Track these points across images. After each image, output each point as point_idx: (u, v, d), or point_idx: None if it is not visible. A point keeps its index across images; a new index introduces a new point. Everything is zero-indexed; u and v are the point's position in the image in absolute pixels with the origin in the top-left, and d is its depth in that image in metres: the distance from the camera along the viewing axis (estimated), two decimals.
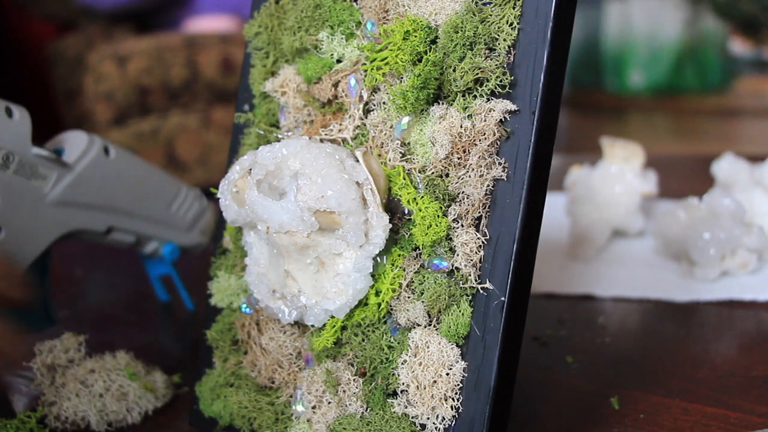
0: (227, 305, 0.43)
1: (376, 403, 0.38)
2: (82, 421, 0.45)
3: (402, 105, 0.36)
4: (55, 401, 0.45)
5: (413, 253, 0.37)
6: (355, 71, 0.39)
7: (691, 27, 2.42)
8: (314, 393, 0.40)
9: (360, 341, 0.38)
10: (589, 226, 0.71)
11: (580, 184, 0.74)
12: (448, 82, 0.36)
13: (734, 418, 0.43)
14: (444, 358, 0.36)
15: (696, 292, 0.61)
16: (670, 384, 0.47)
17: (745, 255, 0.63)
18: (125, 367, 0.47)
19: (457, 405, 0.35)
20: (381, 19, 0.38)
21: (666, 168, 0.86)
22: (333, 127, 0.40)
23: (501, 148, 0.35)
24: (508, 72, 0.35)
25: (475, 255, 0.35)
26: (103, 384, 0.45)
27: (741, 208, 0.63)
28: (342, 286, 0.37)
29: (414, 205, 0.37)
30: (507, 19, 0.35)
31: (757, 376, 0.47)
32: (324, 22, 0.40)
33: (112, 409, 0.45)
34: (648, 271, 0.66)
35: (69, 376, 0.46)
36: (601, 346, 0.53)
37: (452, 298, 0.36)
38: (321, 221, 0.37)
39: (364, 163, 0.37)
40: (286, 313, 0.39)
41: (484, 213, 0.35)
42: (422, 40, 0.36)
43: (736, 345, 0.53)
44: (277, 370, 0.41)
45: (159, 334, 0.62)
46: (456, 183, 0.36)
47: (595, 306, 0.60)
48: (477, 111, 0.35)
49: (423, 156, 0.37)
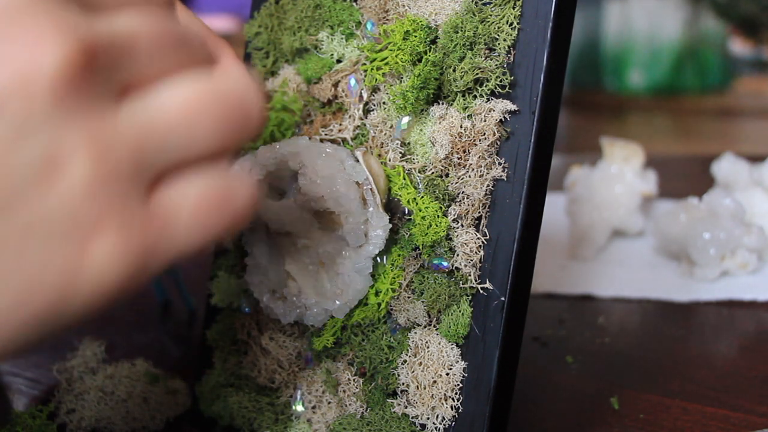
0: (227, 305, 0.43)
1: (376, 403, 0.38)
2: (105, 429, 0.44)
3: (402, 105, 0.36)
4: (74, 409, 0.44)
5: (413, 253, 0.37)
6: (355, 71, 0.39)
7: (691, 27, 2.42)
8: (314, 393, 0.40)
9: (360, 341, 0.38)
10: (589, 226, 0.71)
11: (580, 184, 0.74)
12: (448, 82, 0.36)
13: (734, 418, 0.43)
14: (444, 358, 0.36)
15: (696, 292, 0.61)
16: (670, 384, 0.47)
17: (745, 255, 0.63)
18: (144, 373, 0.46)
19: (457, 405, 0.35)
20: (381, 19, 0.38)
21: (666, 168, 0.86)
22: (333, 127, 0.40)
23: (501, 148, 0.35)
24: (508, 72, 0.35)
25: (475, 255, 0.35)
26: (125, 390, 0.45)
27: (741, 208, 0.63)
28: (342, 287, 0.37)
29: (414, 205, 0.37)
30: (507, 19, 0.35)
31: (757, 376, 0.47)
32: (324, 22, 0.40)
33: (135, 416, 0.44)
34: (648, 271, 0.66)
35: (89, 383, 0.45)
36: (601, 346, 0.53)
37: (452, 298, 0.36)
38: (321, 221, 0.37)
39: (364, 163, 0.37)
40: (286, 313, 0.39)
41: (484, 213, 0.35)
42: (422, 40, 0.36)
43: (736, 345, 0.53)
44: (277, 371, 0.41)
45: (159, 334, 0.62)
46: (456, 183, 0.36)
47: (595, 306, 0.60)
48: (477, 111, 0.35)
49: (423, 156, 0.37)
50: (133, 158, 0.22)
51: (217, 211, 0.24)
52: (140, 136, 0.22)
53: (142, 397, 0.45)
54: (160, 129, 0.23)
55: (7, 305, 0.21)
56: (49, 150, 0.20)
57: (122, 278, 0.22)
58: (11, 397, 0.50)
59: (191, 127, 0.23)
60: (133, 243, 0.22)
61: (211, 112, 0.24)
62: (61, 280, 0.21)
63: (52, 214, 0.21)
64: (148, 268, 0.23)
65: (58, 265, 0.21)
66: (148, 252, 0.23)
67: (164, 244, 0.23)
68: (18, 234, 0.21)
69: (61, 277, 0.21)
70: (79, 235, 0.21)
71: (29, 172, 0.20)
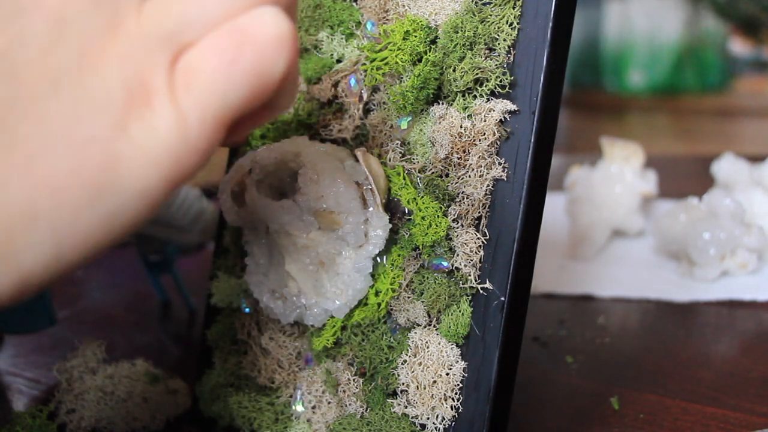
0: (227, 305, 0.43)
1: (376, 403, 0.38)
2: (105, 429, 0.44)
3: (402, 105, 0.36)
4: (74, 409, 0.44)
5: (413, 253, 0.37)
6: (355, 71, 0.39)
7: (691, 27, 2.42)
8: (314, 393, 0.40)
9: (360, 341, 0.38)
10: (589, 226, 0.71)
11: (580, 184, 0.74)
12: (448, 82, 0.36)
13: (734, 418, 0.43)
14: (444, 358, 0.36)
15: (696, 292, 0.61)
16: (670, 384, 0.47)
17: (745, 255, 0.63)
18: (144, 373, 0.46)
19: (457, 405, 0.35)
20: (381, 19, 0.38)
21: (666, 168, 0.86)
22: (333, 128, 0.40)
23: (501, 148, 0.35)
24: (508, 72, 0.35)
25: (475, 255, 0.35)
26: (125, 390, 0.45)
27: (741, 208, 0.63)
28: (342, 286, 0.37)
29: (414, 205, 0.37)
30: (507, 19, 0.35)
31: (757, 376, 0.47)
32: (324, 22, 0.40)
33: (135, 416, 0.44)
34: (648, 271, 0.66)
35: (89, 383, 0.45)
36: (601, 346, 0.53)
37: (452, 298, 0.36)
38: (321, 221, 0.37)
39: (363, 163, 0.37)
40: (286, 313, 0.39)
41: (483, 213, 0.35)
42: (422, 40, 0.36)
43: (736, 345, 0.53)
44: (276, 370, 0.41)
45: (159, 334, 0.62)
46: (456, 183, 0.36)
47: (595, 306, 0.61)
48: (477, 111, 0.35)
49: (423, 156, 0.37)
50: (157, 35, 0.23)
51: (235, 51, 0.23)
52: (162, 19, 0.24)
53: (142, 397, 0.45)
54: (176, 11, 0.24)
55: (63, 173, 0.22)
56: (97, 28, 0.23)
57: (168, 147, 0.23)
58: (11, 397, 0.50)
59: (205, 2, 0.24)
60: (166, 109, 0.23)
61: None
62: (107, 152, 0.22)
63: (99, 88, 0.23)
64: (196, 133, 0.23)
65: (103, 138, 0.22)
66: (188, 115, 0.23)
67: (202, 105, 0.23)
68: (69, 106, 0.22)
69: (108, 148, 0.22)
70: (120, 109, 0.23)
71: (74, 56, 0.23)
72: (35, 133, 0.22)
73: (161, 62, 0.23)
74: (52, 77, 0.22)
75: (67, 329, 0.53)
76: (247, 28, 0.24)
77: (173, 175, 0.23)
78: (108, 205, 0.23)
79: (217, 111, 0.24)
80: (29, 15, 0.23)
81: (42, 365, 0.54)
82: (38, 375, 0.53)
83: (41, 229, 0.22)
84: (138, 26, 0.23)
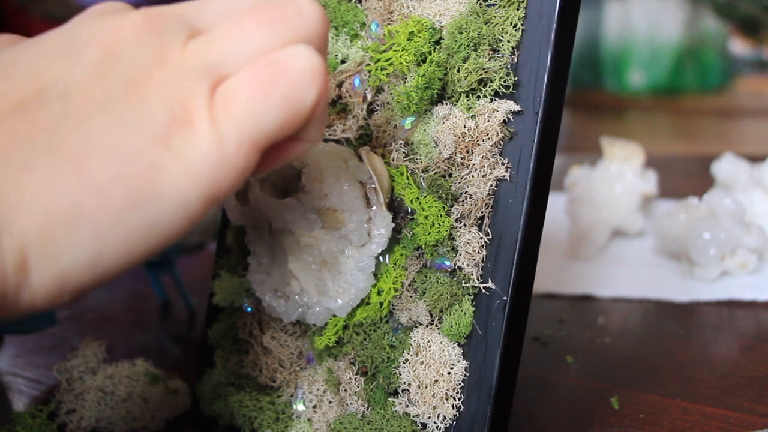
0: (229, 304, 0.43)
1: (378, 402, 0.38)
2: (105, 429, 0.44)
3: (406, 105, 0.36)
4: (74, 409, 0.44)
5: (416, 252, 0.37)
6: (359, 72, 0.39)
7: (691, 27, 2.42)
8: (315, 392, 0.40)
9: (362, 340, 0.38)
10: (589, 226, 0.71)
11: (580, 184, 0.74)
12: (452, 82, 0.36)
13: (734, 418, 0.43)
14: (446, 358, 0.36)
15: (696, 292, 0.61)
16: (670, 384, 0.47)
17: (745, 255, 0.63)
18: (144, 373, 0.46)
19: (459, 404, 0.35)
20: (385, 20, 0.38)
21: (666, 168, 0.86)
22: (337, 127, 0.40)
23: (504, 149, 0.35)
24: (512, 73, 0.35)
25: (477, 254, 0.35)
26: (125, 390, 0.45)
27: (741, 208, 0.63)
28: (344, 285, 0.37)
29: (417, 205, 0.37)
30: (511, 20, 0.35)
31: (757, 376, 0.48)
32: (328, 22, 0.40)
33: (135, 416, 0.44)
34: (648, 271, 0.66)
35: (89, 383, 0.45)
36: (601, 346, 0.53)
37: (454, 298, 0.36)
38: (324, 220, 0.37)
39: (367, 162, 0.37)
40: (288, 312, 0.39)
41: (486, 213, 0.35)
42: (426, 40, 0.36)
43: (736, 345, 0.53)
44: (278, 370, 0.41)
45: (159, 334, 0.62)
46: (459, 183, 0.36)
47: (595, 306, 0.61)
48: (480, 111, 0.35)
49: (426, 156, 0.37)
50: (199, 67, 0.26)
51: (271, 81, 0.25)
52: (204, 54, 0.26)
53: (142, 397, 0.45)
54: (217, 47, 0.26)
55: (108, 178, 0.24)
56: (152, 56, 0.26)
57: (207, 164, 0.25)
58: (11, 397, 0.50)
59: (243, 40, 0.26)
60: (206, 130, 0.25)
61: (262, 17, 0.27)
62: (150, 162, 0.24)
63: (144, 108, 0.25)
64: (233, 153, 0.25)
65: (146, 150, 0.24)
66: (226, 136, 0.25)
67: (239, 127, 0.25)
68: (116, 122, 0.24)
69: (150, 159, 0.24)
70: (163, 127, 0.25)
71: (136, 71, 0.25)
72: (83, 143, 0.24)
73: (202, 89, 0.25)
74: (102, 98, 0.24)
75: (67, 329, 0.53)
76: (281, 61, 0.26)
77: (210, 191, 0.25)
78: (148, 213, 0.24)
79: (253, 134, 0.25)
80: (86, 48, 0.25)
81: (42, 365, 0.54)
82: (38, 375, 0.53)
83: (83, 229, 0.23)
84: (182, 60, 0.26)
